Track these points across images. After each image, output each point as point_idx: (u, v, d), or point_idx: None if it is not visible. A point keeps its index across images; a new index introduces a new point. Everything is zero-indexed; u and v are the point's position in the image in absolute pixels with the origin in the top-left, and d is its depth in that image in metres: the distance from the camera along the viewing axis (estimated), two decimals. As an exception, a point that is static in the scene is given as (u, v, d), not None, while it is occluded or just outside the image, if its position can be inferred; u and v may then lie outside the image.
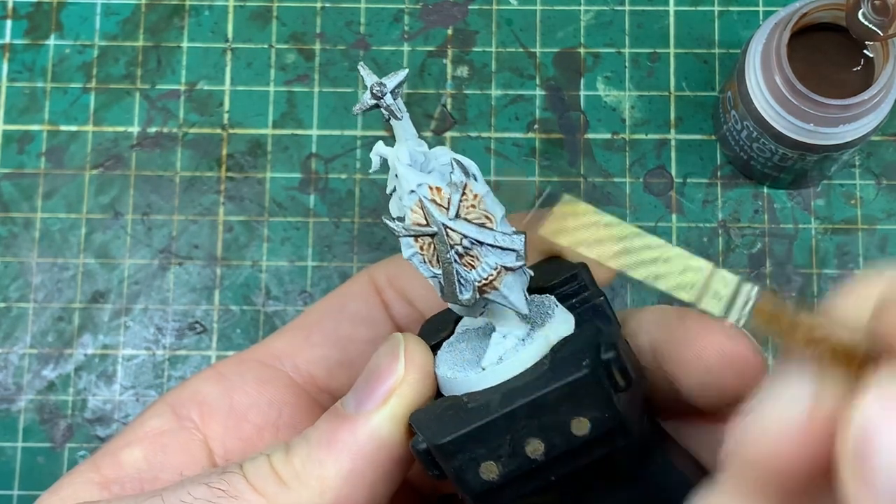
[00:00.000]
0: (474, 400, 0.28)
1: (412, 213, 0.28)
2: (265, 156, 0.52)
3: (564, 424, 0.27)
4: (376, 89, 0.29)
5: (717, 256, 0.50)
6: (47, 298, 0.51)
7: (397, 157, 0.29)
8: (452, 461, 0.27)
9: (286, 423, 0.35)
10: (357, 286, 0.37)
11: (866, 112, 0.44)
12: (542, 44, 0.52)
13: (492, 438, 0.27)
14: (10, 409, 0.50)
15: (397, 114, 0.29)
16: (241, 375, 0.35)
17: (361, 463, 0.29)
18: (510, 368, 0.29)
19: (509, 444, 0.27)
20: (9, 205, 0.51)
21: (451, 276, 0.28)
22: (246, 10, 0.53)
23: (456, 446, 0.27)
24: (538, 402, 0.27)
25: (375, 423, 0.29)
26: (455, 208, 0.28)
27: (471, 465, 0.27)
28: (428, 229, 0.28)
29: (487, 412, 0.27)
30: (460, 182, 0.28)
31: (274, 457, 0.30)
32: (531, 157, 0.51)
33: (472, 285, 0.29)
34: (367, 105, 0.29)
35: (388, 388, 0.29)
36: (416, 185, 0.28)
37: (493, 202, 0.29)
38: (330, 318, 0.36)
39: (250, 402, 0.34)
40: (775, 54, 0.44)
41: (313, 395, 0.36)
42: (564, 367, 0.27)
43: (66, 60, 0.53)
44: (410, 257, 0.28)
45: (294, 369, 0.35)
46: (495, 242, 0.29)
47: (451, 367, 0.30)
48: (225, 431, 0.34)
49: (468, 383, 0.29)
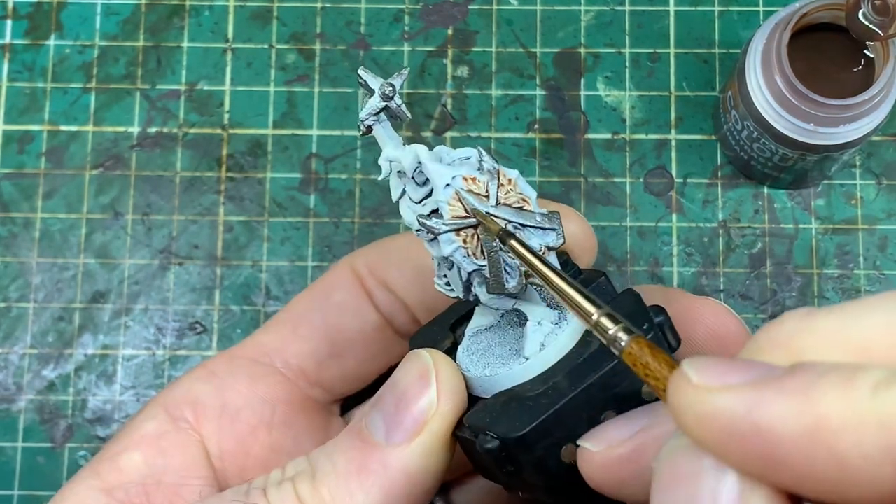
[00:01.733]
0: (534, 388, 0.28)
1: (450, 206, 0.27)
2: (265, 156, 0.52)
3: (636, 392, 0.27)
4: (388, 90, 0.28)
5: (717, 256, 0.50)
6: (47, 298, 0.51)
7: (418, 154, 0.28)
8: (534, 451, 0.27)
9: (279, 420, 0.34)
10: (339, 276, 0.36)
11: (867, 112, 0.44)
12: (543, 44, 0.52)
13: (570, 419, 0.27)
14: (11, 409, 0.50)
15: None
16: (232, 374, 0.35)
17: (393, 498, 0.28)
18: (554, 353, 0.28)
19: (587, 422, 0.27)
20: (9, 205, 0.51)
21: (498, 265, 0.28)
22: (246, 11, 0.53)
23: (538, 434, 0.27)
24: (610, 373, 0.27)
25: (408, 457, 0.28)
26: (494, 194, 0.28)
27: (552, 451, 0.27)
28: (471, 220, 0.28)
29: (560, 395, 0.27)
30: (493, 168, 0.28)
31: (299, 484, 0.29)
32: (531, 157, 0.51)
33: (518, 271, 0.28)
34: (375, 109, 0.28)
35: (420, 419, 0.28)
36: (451, 178, 0.28)
37: (525, 185, 0.29)
38: (315, 310, 0.36)
39: (243, 400, 0.34)
40: (775, 54, 0.43)
41: (305, 388, 0.35)
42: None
43: (67, 60, 0.53)
44: (453, 253, 0.28)
45: (284, 364, 0.35)
46: (537, 224, 0.28)
47: (485, 367, 0.29)
48: (219, 430, 0.34)
49: (513, 376, 0.28)
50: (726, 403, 0.20)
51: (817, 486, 0.19)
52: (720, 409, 0.20)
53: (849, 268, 0.50)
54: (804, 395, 0.19)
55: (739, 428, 0.19)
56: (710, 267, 0.50)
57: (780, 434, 0.19)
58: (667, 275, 0.50)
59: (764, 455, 0.19)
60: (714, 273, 0.50)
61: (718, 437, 0.20)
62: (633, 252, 0.50)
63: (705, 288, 0.50)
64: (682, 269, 0.50)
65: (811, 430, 0.19)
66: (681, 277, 0.50)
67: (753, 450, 0.19)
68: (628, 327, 0.24)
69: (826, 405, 0.19)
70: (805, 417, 0.19)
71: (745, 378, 0.20)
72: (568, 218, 0.32)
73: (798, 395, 0.19)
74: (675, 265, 0.50)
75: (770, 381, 0.20)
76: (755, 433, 0.19)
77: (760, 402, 0.19)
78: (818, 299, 0.50)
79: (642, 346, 0.23)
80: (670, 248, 0.50)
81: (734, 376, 0.20)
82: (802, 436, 0.19)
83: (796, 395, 0.19)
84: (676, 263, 0.50)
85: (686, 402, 0.20)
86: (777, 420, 0.19)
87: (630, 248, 0.50)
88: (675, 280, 0.50)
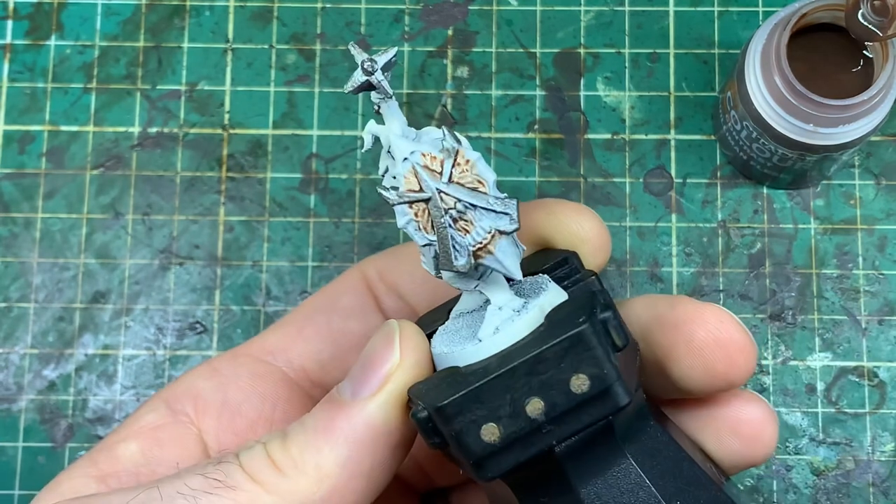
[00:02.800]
0: (472, 367, 0.28)
1: (405, 180, 0.28)
2: (265, 156, 0.52)
3: (564, 382, 0.27)
4: (367, 65, 0.29)
5: (716, 256, 0.50)
6: (48, 298, 0.51)
7: (390, 131, 0.29)
8: (453, 424, 0.27)
9: (280, 417, 0.35)
10: (348, 281, 0.37)
11: (866, 112, 0.44)
12: (542, 44, 0.53)
13: (492, 399, 0.27)
14: (11, 408, 0.50)
15: (388, 91, 0.29)
16: (234, 371, 0.35)
17: (359, 450, 0.29)
18: (507, 338, 0.29)
19: (510, 405, 0.27)
20: (9, 205, 0.52)
21: (445, 241, 0.29)
22: (246, 11, 0.53)
23: (456, 408, 0.27)
24: (537, 359, 0.27)
25: (372, 410, 0.29)
26: (448, 173, 0.29)
27: (471, 427, 0.27)
28: (422, 195, 0.28)
29: (486, 373, 0.27)
30: (452, 148, 0.29)
31: (270, 445, 0.29)
32: (531, 158, 0.51)
33: (467, 250, 0.29)
34: (357, 82, 0.29)
35: (383, 374, 0.29)
36: (409, 153, 0.28)
37: (484, 167, 0.29)
38: (322, 312, 0.36)
39: (244, 396, 0.34)
40: (775, 54, 0.44)
41: (307, 389, 0.36)
42: (561, 325, 0.28)
43: (67, 61, 0.53)
44: (405, 225, 0.29)
45: (287, 364, 0.35)
46: (489, 206, 0.29)
47: (446, 345, 0.30)
48: (219, 425, 0.34)
49: (465, 356, 0.29)
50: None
51: None
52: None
53: (848, 268, 0.50)
54: None
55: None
56: (709, 267, 0.50)
57: None
58: (666, 275, 0.50)
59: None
60: (713, 273, 0.50)
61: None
62: (633, 252, 0.51)
63: (704, 288, 0.50)
64: (682, 269, 0.50)
65: None
66: (680, 277, 0.50)
67: None
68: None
69: None
70: None
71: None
72: (581, 215, 0.33)
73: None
74: (674, 265, 0.50)
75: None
76: None
77: None
78: (817, 299, 0.50)
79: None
80: (670, 248, 0.50)
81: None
82: None
83: None
84: (676, 263, 0.50)
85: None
86: None
87: (630, 249, 0.51)
88: (675, 280, 0.50)
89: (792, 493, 0.49)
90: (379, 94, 0.29)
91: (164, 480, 0.29)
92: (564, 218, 0.33)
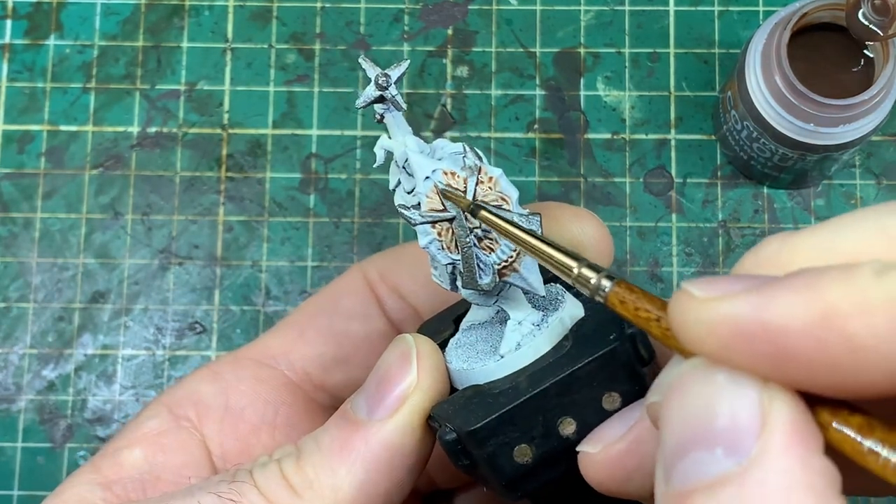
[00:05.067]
0: (498, 386, 0.28)
1: (428, 199, 0.28)
2: (265, 156, 0.52)
3: (596, 400, 0.27)
4: (382, 80, 0.29)
5: (717, 256, 0.50)
6: (47, 298, 0.51)
7: (406, 146, 0.29)
8: (485, 447, 0.27)
9: (283, 422, 0.35)
10: (349, 282, 0.36)
11: (866, 112, 0.44)
12: (542, 44, 0.52)
13: (524, 420, 0.27)
14: (10, 409, 0.50)
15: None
16: (236, 374, 0.35)
17: (375, 472, 0.29)
18: (529, 354, 0.28)
19: (542, 425, 0.27)
20: (9, 205, 0.51)
21: (470, 261, 0.28)
22: (246, 11, 0.53)
23: (489, 431, 0.27)
24: (568, 379, 0.27)
25: (389, 432, 0.29)
26: (472, 190, 0.28)
27: (504, 449, 0.27)
28: (446, 214, 0.28)
29: (518, 394, 0.27)
30: (475, 165, 0.28)
31: (285, 464, 0.29)
32: (531, 157, 0.51)
33: (492, 268, 0.28)
34: (370, 98, 0.29)
35: (400, 395, 0.29)
36: (431, 171, 0.28)
37: (507, 184, 0.29)
38: (323, 314, 0.36)
39: (246, 401, 0.34)
40: (775, 54, 0.43)
41: (309, 392, 0.36)
42: (590, 343, 0.27)
43: (66, 60, 0.53)
44: (428, 245, 0.28)
45: (289, 367, 0.35)
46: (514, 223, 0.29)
47: (465, 360, 0.30)
48: (221, 430, 0.34)
49: (487, 372, 0.29)
50: (732, 308, 0.20)
51: (830, 377, 0.19)
52: (727, 315, 0.20)
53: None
54: (809, 288, 0.19)
55: (749, 329, 0.20)
56: (709, 267, 0.50)
57: (790, 328, 0.19)
58: (666, 275, 0.50)
59: (775, 354, 0.20)
60: (714, 273, 0.50)
61: (728, 343, 0.20)
62: (633, 252, 0.50)
63: (705, 288, 0.50)
64: (682, 268, 0.50)
65: (821, 318, 0.19)
66: (680, 277, 0.50)
67: (764, 350, 0.20)
68: (611, 274, 0.24)
69: (832, 293, 0.19)
70: (813, 308, 0.19)
71: (746, 285, 0.20)
72: (584, 221, 0.33)
73: (803, 289, 0.19)
74: (674, 265, 0.50)
75: (773, 283, 0.20)
76: (765, 332, 0.20)
77: (766, 301, 0.20)
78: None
79: (626, 286, 0.23)
80: (670, 247, 0.50)
81: (736, 285, 0.20)
82: (813, 325, 0.19)
83: (801, 289, 0.19)
84: (676, 263, 0.50)
85: (692, 317, 0.20)
86: (785, 315, 0.19)
87: (630, 248, 0.50)
88: (675, 280, 0.50)
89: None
90: (385, 105, 0.29)
91: (176, 497, 0.29)
92: (566, 222, 0.33)
